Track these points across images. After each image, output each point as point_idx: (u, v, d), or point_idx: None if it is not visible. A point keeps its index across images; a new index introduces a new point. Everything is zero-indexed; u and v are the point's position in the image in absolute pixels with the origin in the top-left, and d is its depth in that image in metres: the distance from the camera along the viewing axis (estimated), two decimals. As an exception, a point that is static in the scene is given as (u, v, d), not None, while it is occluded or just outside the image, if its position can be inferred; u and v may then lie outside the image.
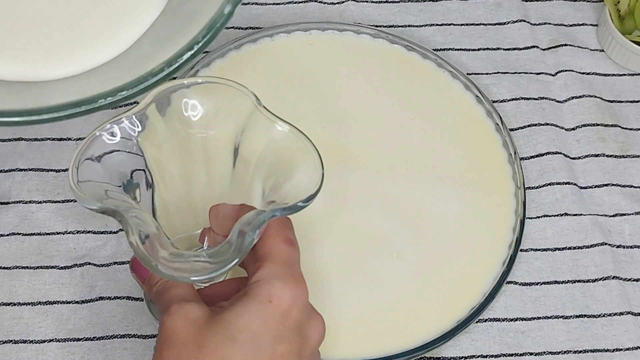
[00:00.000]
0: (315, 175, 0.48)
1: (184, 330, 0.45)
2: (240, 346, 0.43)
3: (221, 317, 0.45)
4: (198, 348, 0.44)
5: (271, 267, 0.47)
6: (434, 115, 0.70)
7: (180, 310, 0.45)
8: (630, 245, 0.68)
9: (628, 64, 0.76)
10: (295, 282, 0.46)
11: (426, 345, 0.60)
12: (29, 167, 0.68)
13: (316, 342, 0.48)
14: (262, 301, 0.45)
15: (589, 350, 0.63)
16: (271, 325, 0.45)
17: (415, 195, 0.66)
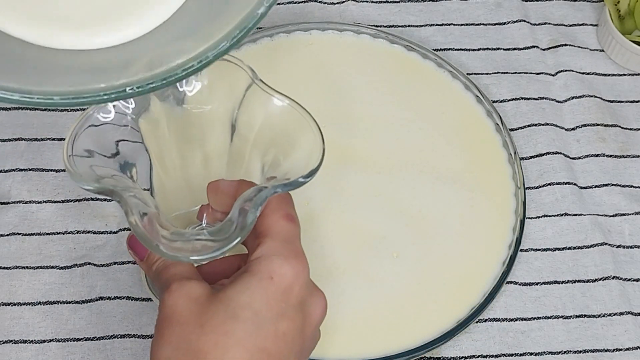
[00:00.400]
0: (316, 149, 0.48)
1: (186, 308, 0.44)
2: (242, 323, 0.43)
3: (222, 294, 0.45)
4: (200, 326, 0.43)
5: (272, 243, 0.46)
6: (434, 115, 0.70)
7: (181, 289, 0.45)
8: (630, 245, 0.68)
9: (628, 64, 0.76)
10: (297, 259, 0.46)
11: (426, 345, 0.60)
12: (29, 167, 0.68)
13: (318, 319, 0.48)
14: (263, 278, 0.45)
15: (589, 350, 0.63)
16: (273, 303, 0.44)
17: (415, 195, 0.66)
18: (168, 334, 0.44)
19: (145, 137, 0.50)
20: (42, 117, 0.70)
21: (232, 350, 0.42)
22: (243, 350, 0.43)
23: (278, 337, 0.44)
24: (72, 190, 0.67)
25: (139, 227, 0.44)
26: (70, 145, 0.47)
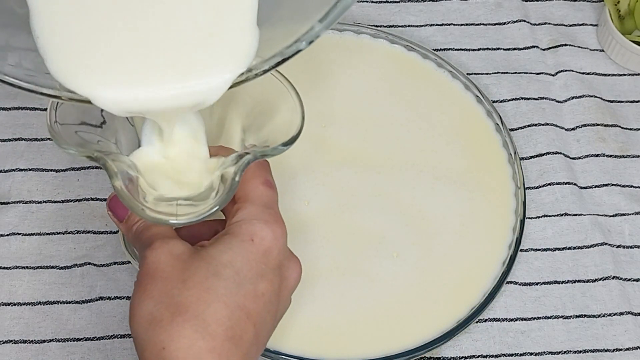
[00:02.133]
0: (296, 116, 0.48)
1: (168, 265, 0.45)
2: (223, 281, 0.44)
3: (205, 252, 0.46)
4: (182, 282, 0.44)
5: (252, 208, 0.48)
6: (434, 115, 0.70)
7: (164, 246, 0.46)
8: (630, 245, 0.68)
9: (628, 64, 0.76)
10: (277, 223, 0.47)
11: (426, 345, 0.60)
12: (29, 167, 0.68)
13: (294, 283, 0.49)
14: (244, 240, 0.46)
15: (589, 350, 0.63)
16: (253, 263, 0.46)
17: (415, 195, 0.66)
18: (150, 288, 0.45)
19: None
20: (42, 117, 0.70)
21: (214, 306, 0.44)
22: (223, 306, 0.44)
23: (257, 297, 0.45)
24: (72, 190, 0.67)
25: (123, 191, 0.45)
26: (53, 111, 0.48)
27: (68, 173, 0.68)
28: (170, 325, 0.43)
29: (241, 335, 0.44)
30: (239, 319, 0.44)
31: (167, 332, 0.43)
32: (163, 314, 0.43)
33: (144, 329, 0.44)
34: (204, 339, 0.43)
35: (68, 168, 0.68)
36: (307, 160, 0.66)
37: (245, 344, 0.44)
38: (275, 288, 0.47)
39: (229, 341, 0.43)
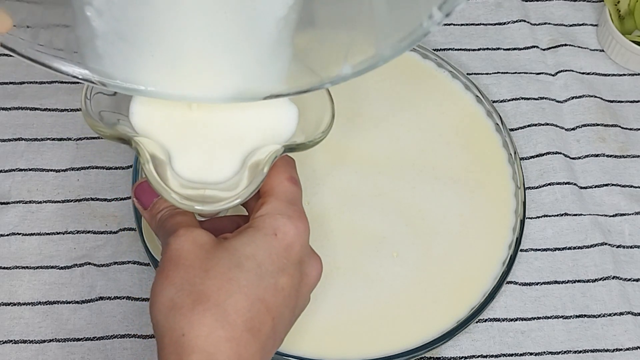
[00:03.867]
0: (326, 113, 0.49)
1: (192, 253, 0.46)
2: (245, 272, 0.45)
3: (228, 244, 0.46)
4: (205, 271, 0.45)
5: (276, 203, 0.48)
6: (434, 115, 0.70)
7: (188, 234, 0.46)
8: (630, 245, 0.68)
9: (628, 64, 0.76)
10: (300, 219, 0.48)
11: (426, 345, 0.60)
12: (29, 167, 0.68)
13: (313, 282, 0.50)
14: (267, 233, 0.46)
15: (589, 350, 0.63)
16: (275, 257, 0.46)
17: (415, 195, 0.66)
18: (172, 275, 0.45)
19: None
20: (42, 117, 0.70)
21: (234, 296, 0.44)
22: (244, 298, 0.44)
23: (277, 291, 0.46)
24: (72, 190, 0.67)
25: (153, 174, 0.46)
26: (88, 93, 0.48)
27: (68, 173, 0.68)
28: (191, 312, 0.43)
29: (259, 328, 0.44)
30: (258, 311, 0.44)
31: (188, 318, 0.43)
32: (184, 301, 0.44)
33: (164, 315, 0.44)
34: (224, 328, 0.43)
35: (68, 168, 0.68)
36: (307, 160, 0.66)
37: (263, 336, 0.45)
38: (295, 283, 0.47)
39: (248, 332, 0.44)
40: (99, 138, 0.69)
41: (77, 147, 0.69)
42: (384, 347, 0.60)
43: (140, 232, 0.62)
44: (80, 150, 0.69)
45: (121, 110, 0.50)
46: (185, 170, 0.48)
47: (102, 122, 0.48)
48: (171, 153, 0.49)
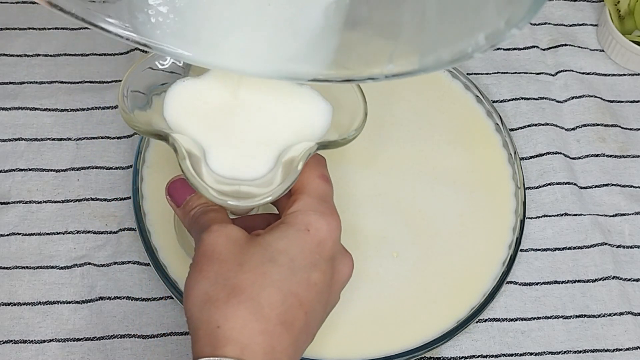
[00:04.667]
0: (358, 111, 0.50)
1: (225, 247, 0.46)
2: (278, 267, 0.45)
3: (261, 239, 0.47)
4: (239, 265, 0.45)
5: (308, 200, 0.49)
6: (434, 115, 0.70)
7: (222, 229, 0.47)
8: (630, 245, 0.68)
9: (628, 64, 0.76)
10: (332, 216, 0.48)
11: (426, 345, 0.60)
12: (29, 167, 0.68)
13: (345, 278, 0.50)
14: (300, 229, 0.47)
15: (589, 350, 0.63)
16: (307, 253, 0.46)
17: (415, 195, 0.66)
18: (207, 269, 0.46)
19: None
20: (42, 117, 0.70)
21: (268, 290, 0.45)
22: (277, 292, 0.45)
23: (309, 285, 0.46)
24: (72, 190, 0.67)
25: (189, 172, 0.46)
26: (125, 89, 0.49)
27: (68, 173, 0.68)
28: (226, 305, 0.44)
29: (292, 322, 0.45)
30: (291, 305, 0.45)
31: (222, 311, 0.44)
32: (219, 294, 0.44)
33: (199, 307, 0.45)
34: (258, 321, 0.44)
35: (68, 168, 0.68)
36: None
37: (296, 330, 0.45)
38: (327, 279, 0.48)
39: (281, 325, 0.44)
40: (99, 138, 0.70)
41: (77, 147, 0.69)
42: (384, 347, 0.60)
43: (141, 232, 0.62)
44: (80, 150, 0.69)
45: (155, 107, 0.50)
46: (219, 166, 0.49)
47: (139, 119, 0.49)
48: (206, 149, 0.49)
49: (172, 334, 0.62)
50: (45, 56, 0.74)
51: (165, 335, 0.62)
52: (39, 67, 0.73)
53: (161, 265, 0.61)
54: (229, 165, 0.49)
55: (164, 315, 0.62)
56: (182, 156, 0.47)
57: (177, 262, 0.62)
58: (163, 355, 0.61)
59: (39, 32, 0.75)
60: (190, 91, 0.51)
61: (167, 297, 0.63)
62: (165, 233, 0.63)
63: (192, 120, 0.50)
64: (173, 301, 0.63)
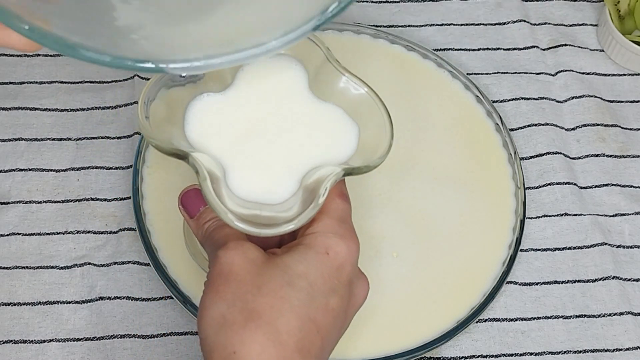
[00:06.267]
0: (385, 135, 0.49)
1: (243, 268, 0.45)
2: (297, 291, 0.44)
3: (280, 260, 0.46)
4: (257, 287, 0.44)
5: (328, 221, 0.47)
6: (434, 115, 0.70)
7: (239, 247, 0.46)
8: (630, 245, 0.68)
9: (628, 64, 0.76)
10: (352, 239, 0.47)
11: (426, 345, 0.60)
12: (29, 167, 0.68)
13: (360, 302, 0.49)
14: (319, 252, 0.46)
15: (589, 350, 0.63)
16: (327, 277, 0.45)
17: (415, 195, 0.66)
18: (223, 290, 0.45)
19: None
20: (42, 117, 0.70)
21: (287, 316, 0.44)
22: (296, 318, 0.44)
23: (327, 311, 0.45)
24: (72, 190, 0.67)
25: (210, 192, 0.45)
26: (144, 106, 0.48)
27: (68, 173, 0.68)
28: (243, 329, 0.43)
29: (309, 349, 0.44)
30: (309, 331, 0.44)
31: (239, 335, 0.43)
32: (236, 317, 0.43)
33: (215, 330, 0.44)
34: (275, 347, 0.43)
35: (68, 168, 0.68)
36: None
37: (312, 356, 0.44)
38: (345, 304, 0.47)
39: (298, 352, 0.43)
40: (99, 138, 0.70)
41: (77, 147, 0.69)
42: (384, 347, 0.60)
43: (141, 232, 0.62)
44: (80, 150, 0.69)
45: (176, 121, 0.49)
46: (240, 188, 0.47)
47: (159, 137, 0.47)
48: (226, 169, 0.48)
49: (172, 334, 0.62)
50: (45, 56, 0.74)
51: (165, 335, 0.62)
52: (39, 67, 0.73)
53: (161, 265, 0.61)
54: (250, 187, 0.47)
55: (164, 315, 0.62)
56: (203, 177, 0.45)
57: (177, 262, 0.62)
58: (163, 355, 0.61)
59: (39, 32, 0.75)
60: (212, 107, 0.50)
61: (167, 297, 0.63)
62: (165, 233, 0.63)
63: (213, 137, 0.49)
64: (173, 301, 0.63)
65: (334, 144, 0.49)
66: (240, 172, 0.48)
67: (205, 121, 0.49)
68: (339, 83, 0.51)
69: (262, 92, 0.50)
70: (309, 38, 0.51)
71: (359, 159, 0.49)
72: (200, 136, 0.49)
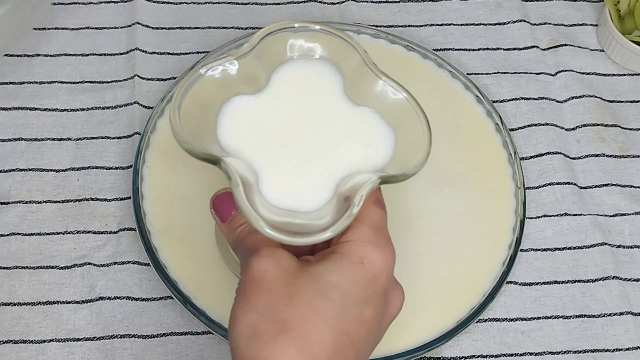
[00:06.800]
0: (423, 142, 0.47)
1: (275, 276, 0.44)
2: (331, 302, 0.43)
3: (313, 269, 0.44)
4: (289, 297, 0.43)
5: (363, 229, 0.46)
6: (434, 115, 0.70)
7: (271, 254, 0.45)
8: (630, 245, 0.68)
9: (628, 64, 0.76)
10: (387, 247, 0.46)
11: (426, 345, 0.60)
12: (29, 167, 0.68)
13: (395, 313, 0.48)
14: (354, 262, 0.45)
15: (589, 350, 0.63)
16: (361, 288, 0.44)
17: (415, 195, 0.66)
18: (254, 299, 0.44)
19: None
20: (42, 117, 0.70)
21: (319, 328, 0.42)
22: (329, 330, 0.43)
23: (361, 323, 0.44)
24: (72, 190, 0.67)
25: (243, 200, 0.44)
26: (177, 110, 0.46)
27: (68, 173, 0.68)
28: (274, 341, 0.42)
29: None
30: (342, 344, 0.43)
31: (270, 347, 0.42)
32: (267, 328, 0.42)
33: (245, 341, 0.43)
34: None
35: (68, 168, 0.68)
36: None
37: None
38: (379, 315, 0.46)
39: None
40: (99, 138, 0.70)
41: (77, 147, 0.69)
42: (384, 347, 0.60)
43: (141, 232, 0.62)
44: (80, 150, 0.69)
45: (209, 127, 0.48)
46: (273, 195, 0.46)
47: (191, 141, 0.46)
48: (259, 174, 0.47)
49: (172, 334, 0.62)
50: (45, 56, 0.74)
51: (165, 335, 0.62)
52: (39, 67, 0.73)
53: (161, 265, 0.61)
54: (283, 194, 0.46)
55: (164, 315, 0.62)
56: (235, 183, 0.44)
57: (177, 262, 0.62)
58: (163, 355, 0.61)
59: (39, 32, 0.75)
60: (245, 109, 0.49)
61: (167, 297, 0.63)
62: (165, 233, 0.63)
63: (246, 141, 0.48)
64: (173, 301, 0.63)
65: (370, 150, 0.48)
66: (273, 178, 0.47)
67: (238, 124, 0.48)
68: (376, 87, 0.50)
69: (296, 95, 0.49)
70: (346, 40, 0.50)
71: (395, 166, 0.47)
72: (233, 140, 0.48)
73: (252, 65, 0.50)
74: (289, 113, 0.49)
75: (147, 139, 0.66)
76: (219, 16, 0.77)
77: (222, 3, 0.78)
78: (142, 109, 0.71)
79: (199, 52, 0.75)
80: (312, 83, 0.50)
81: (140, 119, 0.70)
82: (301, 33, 0.51)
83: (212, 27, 0.77)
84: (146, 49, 0.74)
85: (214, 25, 0.77)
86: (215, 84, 0.49)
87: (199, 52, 0.75)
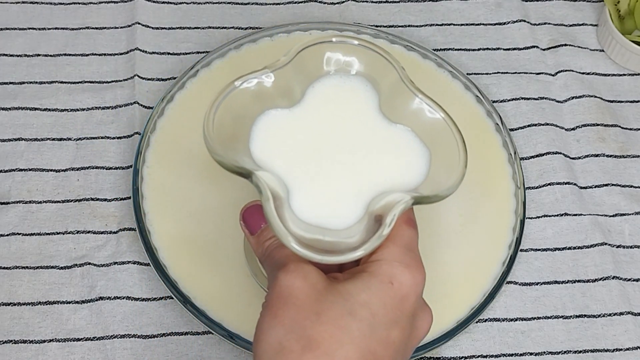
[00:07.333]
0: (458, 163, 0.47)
1: (303, 292, 0.43)
2: (358, 322, 0.43)
3: (342, 287, 0.44)
4: (316, 314, 0.43)
5: (393, 248, 0.45)
6: (434, 115, 0.70)
7: (299, 270, 0.44)
8: (630, 245, 0.68)
9: (628, 64, 0.76)
10: (417, 268, 0.45)
11: (426, 345, 0.60)
12: (29, 167, 0.68)
13: (422, 335, 0.47)
14: (383, 281, 0.44)
15: (589, 350, 0.63)
16: (390, 308, 0.44)
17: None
18: (281, 314, 0.43)
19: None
20: (42, 117, 0.70)
21: (346, 347, 0.42)
22: (356, 350, 0.42)
23: (388, 344, 0.43)
24: (72, 190, 0.67)
25: (273, 215, 0.43)
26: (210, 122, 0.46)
27: (68, 173, 0.68)
28: (300, 358, 0.41)
29: None
30: None
31: None
32: (293, 345, 0.42)
33: (270, 357, 0.42)
34: None
35: (68, 168, 0.68)
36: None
37: None
38: (406, 337, 0.45)
39: None
40: (99, 138, 0.70)
41: (77, 147, 0.69)
42: (384, 347, 0.60)
43: (141, 232, 0.62)
44: (80, 150, 0.69)
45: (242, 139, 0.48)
46: (304, 211, 0.46)
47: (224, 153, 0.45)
48: (290, 190, 0.46)
49: (172, 334, 0.62)
50: (45, 56, 0.74)
51: (165, 335, 0.62)
52: (39, 67, 0.73)
53: (161, 265, 0.61)
54: (314, 210, 0.46)
55: (164, 315, 0.62)
56: (266, 197, 0.43)
57: (177, 262, 0.62)
58: (163, 355, 0.61)
59: (39, 32, 0.75)
60: (279, 123, 0.48)
61: (167, 297, 0.63)
62: (165, 233, 0.63)
63: (278, 155, 0.47)
64: (173, 301, 0.63)
65: (403, 170, 0.48)
66: (304, 194, 0.46)
67: (271, 138, 0.48)
68: (412, 104, 0.49)
69: (331, 111, 0.49)
70: (383, 56, 0.50)
71: (428, 186, 0.47)
72: (265, 154, 0.47)
73: (288, 78, 0.49)
74: (323, 129, 0.49)
75: (147, 139, 0.66)
76: (219, 16, 0.77)
77: (222, 3, 0.78)
78: (142, 109, 0.71)
79: (199, 52, 0.75)
80: (348, 99, 0.50)
81: (140, 119, 0.70)
82: (339, 46, 0.50)
83: (212, 27, 0.77)
84: (146, 49, 0.74)
85: (214, 25, 0.77)
86: (250, 96, 0.48)
87: (199, 52, 0.75)
